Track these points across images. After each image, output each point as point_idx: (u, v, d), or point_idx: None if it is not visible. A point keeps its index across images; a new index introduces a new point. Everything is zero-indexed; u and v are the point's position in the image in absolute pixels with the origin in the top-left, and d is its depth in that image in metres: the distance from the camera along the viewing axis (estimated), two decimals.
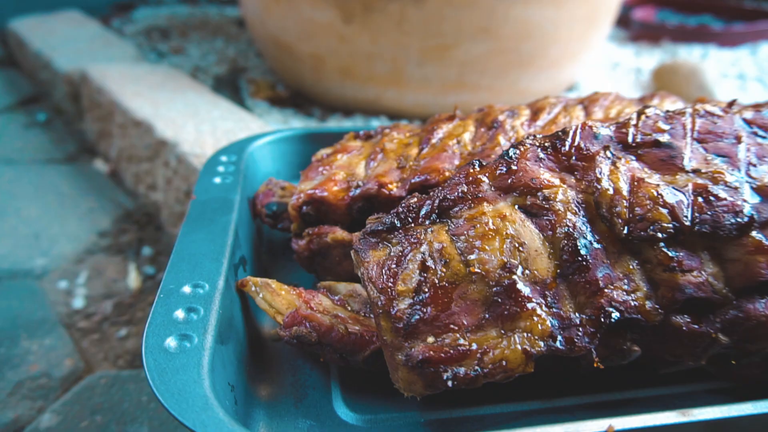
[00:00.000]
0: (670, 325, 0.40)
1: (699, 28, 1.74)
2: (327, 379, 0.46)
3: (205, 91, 1.10)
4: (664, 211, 0.40)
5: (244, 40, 1.51)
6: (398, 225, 0.43)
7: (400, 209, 0.44)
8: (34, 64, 1.31)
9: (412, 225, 0.43)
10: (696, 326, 0.40)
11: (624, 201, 0.41)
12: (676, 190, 0.41)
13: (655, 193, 0.40)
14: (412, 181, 0.52)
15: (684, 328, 0.40)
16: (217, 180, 0.60)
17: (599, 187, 0.41)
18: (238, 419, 0.37)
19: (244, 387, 0.42)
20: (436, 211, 0.43)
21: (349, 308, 0.48)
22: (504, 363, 0.37)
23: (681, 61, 1.38)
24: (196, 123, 0.93)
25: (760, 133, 0.47)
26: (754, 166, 0.44)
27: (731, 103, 0.49)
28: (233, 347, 0.43)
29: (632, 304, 0.39)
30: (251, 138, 0.70)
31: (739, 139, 0.45)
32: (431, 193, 0.44)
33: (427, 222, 0.43)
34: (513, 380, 0.46)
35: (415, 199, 0.44)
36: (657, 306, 0.39)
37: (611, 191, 0.41)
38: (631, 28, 1.80)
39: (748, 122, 0.47)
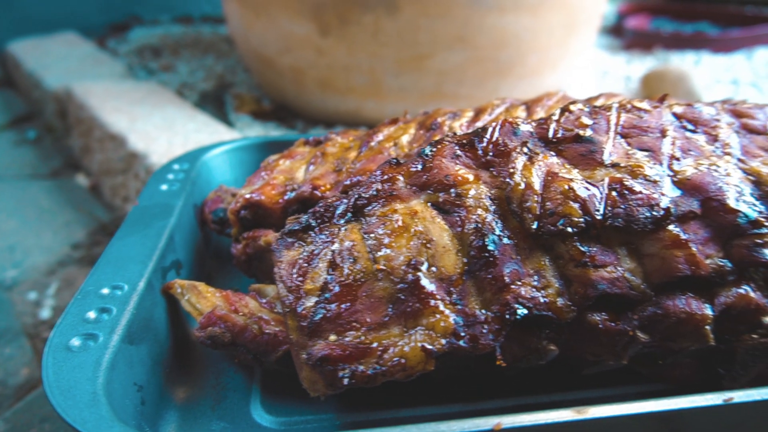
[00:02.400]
0: (587, 323, 0.39)
1: (693, 35, 1.72)
2: (250, 383, 0.46)
3: (185, 106, 1.12)
4: (575, 205, 0.39)
5: (234, 57, 1.54)
6: (314, 224, 0.43)
7: (317, 208, 0.43)
8: (28, 83, 1.35)
9: (328, 224, 0.42)
10: (613, 324, 0.39)
11: (535, 196, 0.40)
12: (590, 184, 0.40)
13: (567, 188, 0.40)
14: (345, 183, 0.52)
15: (600, 326, 0.39)
16: (164, 187, 0.61)
17: (511, 182, 0.41)
18: (143, 419, 0.37)
19: (159, 388, 0.42)
20: (351, 209, 0.42)
21: (277, 310, 0.48)
22: (403, 361, 0.36)
23: (668, 67, 1.36)
24: (169, 136, 0.94)
25: (689, 126, 0.46)
26: (678, 159, 0.43)
27: (662, 98, 0.48)
28: (148, 348, 0.42)
29: (541, 300, 0.38)
30: (207, 147, 0.71)
31: (664, 133, 0.44)
32: (349, 192, 0.44)
33: (342, 221, 0.42)
34: (441, 382, 0.46)
35: (333, 198, 0.44)
36: (569, 303, 0.38)
37: (522, 186, 0.40)
38: (624, 36, 1.78)
39: (677, 116, 0.46)
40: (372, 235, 0.40)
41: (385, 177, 0.43)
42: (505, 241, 0.39)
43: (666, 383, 0.44)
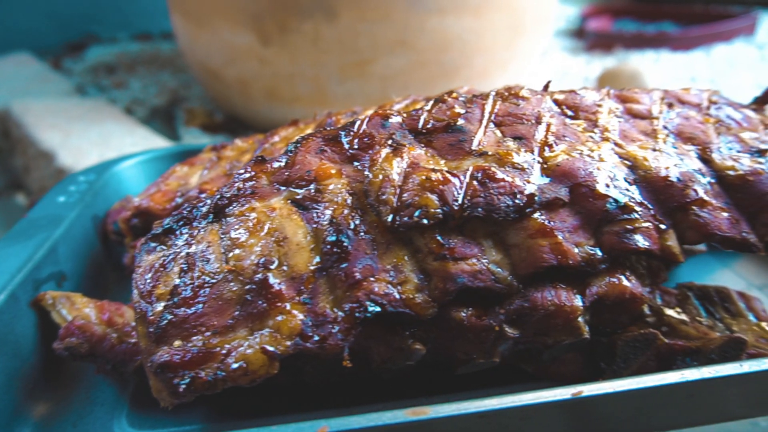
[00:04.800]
0: (452, 319, 0.37)
1: (655, 35, 1.72)
2: (122, 396, 0.43)
3: (126, 121, 1.10)
4: (433, 196, 0.37)
5: (190, 72, 1.53)
6: (175, 227, 0.41)
7: (181, 210, 0.42)
8: None
9: (189, 226, 0.41)
10: (478, 319, 0.37)
11: (393, 188, 0.38)
12: (451, 173, 0.38)
13: (425, 178, 0.38)
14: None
15: (465, 322, 0.37)
16: (62, 199, 0.59)
17: (368, 175, 0.39)
18: None
19: (12, 405, 0.40)
20: (213, 210, 0.41)
21: None
22: (244, 365, 0.34)
23: (623, 66, 1.36)
24: (102, 151, 0.92)
25: (569, 113, 0.44)
26: (551, 146, 0.41)
27: (546, 86, 0.47)
28: (2, 364, 0.40)
29: (396, 296, 0.36)
30: (119, 158, 0.69)
31: (539, 121, 0.42)
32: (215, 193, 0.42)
33: (204, 222, 0.41)
34: (321, 387, 0.44)
35: (196, 200, 0.42)
36: (429, 299, 0.36)
37: (380, 178, 0.38)
38: (586, 38, 1.78)
39: (558, 103, 0.45)
40: (227, 235, 0.38)
41: (247, 175, 0.41)
42: (362, 236, 0.37)
43: (553, 380, 0.42)
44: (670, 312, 0.44)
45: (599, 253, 0.38)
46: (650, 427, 0.36)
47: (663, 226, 0.39)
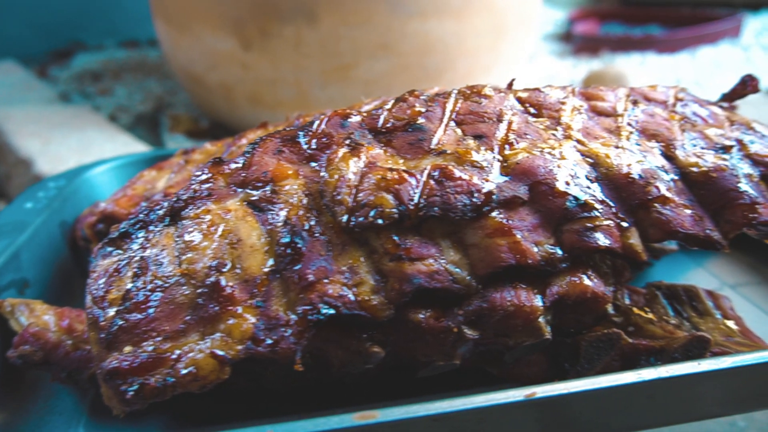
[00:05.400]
0: (410, 321, 0.37)
1: (642, 37, 1.72)
2: (82, 405, 0.43)
3: (109, 128, 1.10)
4: (389, 195, 0.37)
5: (176, 78, 1.52)
6: (131, 231, 0.40)
7: (137, 214, 0.41)
8: None
9: (145, 230, 0.40)
10: (436, 321, 0.36)
11: (348, 188, 0.37)
12: (408, 172, 0.38)
13: (381, 177, 0.37)
14: None
15: (423, 324, 0.36)
16: (29, 205, 0.58)
17: (324, 175, 0.38)
18: None
19: None
20: (169, 213, 0.40)
21: None
22: (194, 370, 0.33)
23: (607, 69, 1.36)
24: (81, 158, 0.92)
25: (532, 111, 0.44)
26: (512, 144, 0.40)
27: (510, 84, 0.46)
28: None
29: (351, 298, 0.35)
30: (91, 164, 0.69)
31: (500, 119, 0.42)
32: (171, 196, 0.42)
33: (160, 225, 0.40)
34: (282, 392, 0.43)
35: (152, 203, 0.42)
36: (386, 300, 0.36)
37: (336, 178, 0.38)
38: (573, 42, 1.79)
39: (521, 101, 0.44)
40: (182, 238, 0.38)
41: (204, 177, 0.40)
42: (317, 237, 0.37)
43: (518, 382, 0.41)
44: (637, 311, 0.43)
45: (559, 252, 0.37)
46: (612, 429, 0.35)
47: (625, 224, 0.39)
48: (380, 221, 0.36)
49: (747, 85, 0.46)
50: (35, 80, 1.40)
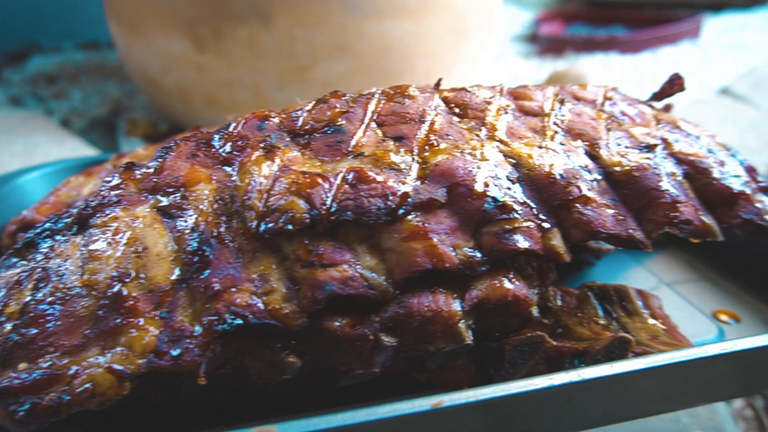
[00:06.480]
0: (326, 329, 0.36)
1: (605, 38, 1.73)
2: None
3: (58, 133, 1.07)
4: (300, 200, 0.35)
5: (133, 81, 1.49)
6: (37, 240, 0.38)
7: (45, 222, 0.39)
8: None
9: (51, 239, 0.38)
10: (351, 329, 0.35)
11: (259, 193, 0.36)
12: (321, 176, 0.37)
13: (292, 181, 0.36)
14: None
15: (338, 332, 0.35)
16: None
17: (235, 179, 0.37)
18: None
19: None
20: (77, 221, 0.38)
21: None
22: (91, 387, 0.32)
23: (569, 69, 1.36)
24: (23, 163, 0.89)
25: (457, 111, 0.43)
26: (432, 146, 0.40)
27: (437, 84, 0.45)
28: None
29: (260, 307, 0.34)
30: (22, 170, 0.66)
31: (422, 119, 0.41)
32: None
33: (68, 234, 0.38)
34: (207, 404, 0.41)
35: (62, 212, 0.40)
36: (298, 308, 0.34)
37: (246, 182, 0.37)
38: (539, 42, 1.80)
39: (446, 101, 0.43)
40: (87, 247, 0.36)
41: (114, 183, 0.39)
42: (226, 244, 0.35)
43: (445, 389, 0.40)
44: (566, 313, 0.43)
45: (478, 255, 0.36)
46: None
47: (546, 225, 0.38)
48: (291, 227, 0.35)
49: (674, 84, 0.46)
50: None
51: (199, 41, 1.07)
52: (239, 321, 0.33)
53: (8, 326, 0.34)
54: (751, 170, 0.45)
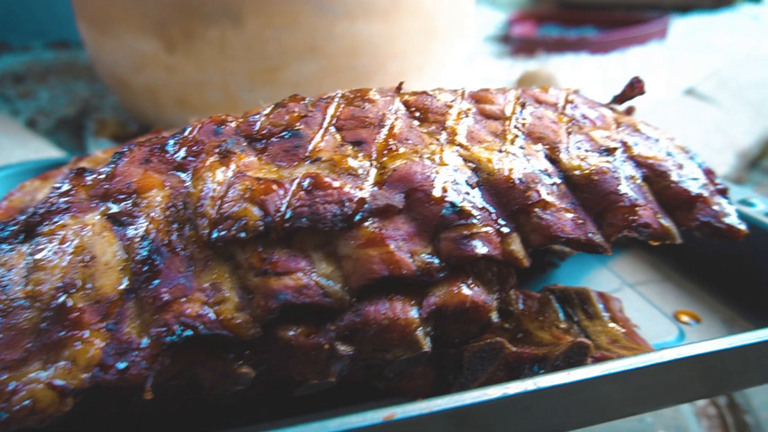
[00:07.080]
0: (281, 339, 0.35)
1: (575, 39, 1.75)
2: None
3: (22, 133, 1.04)
4: (254, 207, 0.35)
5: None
6: None
7: None
8: None
9: None
10: (305, 338, 0.35)
11: (212, 199, 0.35)
12: (276, 182, 0.36)
13: (247, 188, 0.35)
14: None
15: (293, 342, 0.35)
16: None
17: (189, 185, 0.36)
18: None
19: None
20: (24, 229, 0.37)
21: None
22: (31, 403, 0.30)
23: (540, 69, 1.37)
24: None
25: (417, 115, 0.43)
26: (390, 150, 0.39)
27: (398, 87, 0.45)
28: None
29: (211, 317, 0.33)
30: None
31: (382, 124, 0.41)
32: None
33: (15, 242, 0.37)
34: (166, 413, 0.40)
35: (8, 219, 0.38)
36: (251, 318, 0.34)
37: (199, 189, 0.36)
38: (511, 43, 1.81)
39: (407, 105, 0.43)
40: (33, 257, 0.35)
41: (64, 189, 0.38)
42: (177, 252, 0.34)
43: (404, 397, 0.40)
44: (527, 317, 0.42)
45: (436, 261, 0.36)
46: None
47: (506, 230, 0.38)
48: (244, 234, 0.34)
49: (635, 87, 0.46)
50: None
51: (169, 41, 1.05)
52: (189, 332, 0.32)
53: None
54: (709, 173, 0.45)
